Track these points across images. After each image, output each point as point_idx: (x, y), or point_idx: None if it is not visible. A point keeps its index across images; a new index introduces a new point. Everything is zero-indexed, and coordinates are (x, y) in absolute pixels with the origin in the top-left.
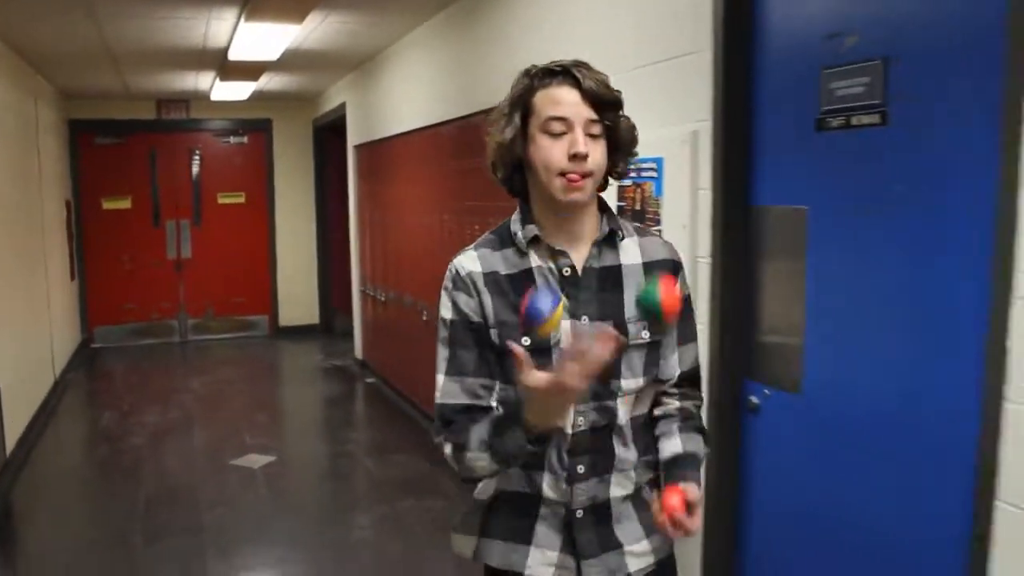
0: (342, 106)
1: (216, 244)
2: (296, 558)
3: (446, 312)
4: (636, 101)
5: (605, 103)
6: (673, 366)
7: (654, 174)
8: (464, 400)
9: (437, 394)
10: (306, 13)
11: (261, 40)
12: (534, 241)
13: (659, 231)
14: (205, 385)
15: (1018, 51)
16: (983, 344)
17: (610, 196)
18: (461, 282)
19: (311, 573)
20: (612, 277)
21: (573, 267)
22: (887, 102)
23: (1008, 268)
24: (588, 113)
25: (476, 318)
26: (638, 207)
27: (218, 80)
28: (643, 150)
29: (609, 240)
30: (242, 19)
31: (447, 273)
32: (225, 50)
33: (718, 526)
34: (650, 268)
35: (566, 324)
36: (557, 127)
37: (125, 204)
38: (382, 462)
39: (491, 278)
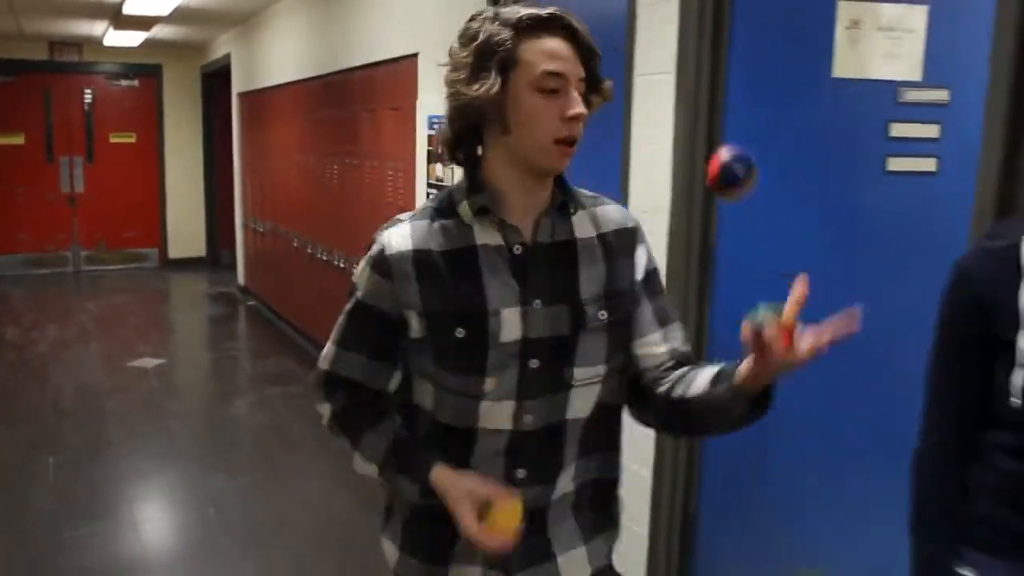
0: (227, 56)
1: (108, 181)
2: (182, 429)
3: (359, 285)
4: (438, 72)
5: (594, 59)
6: (656, 350)
7: None
8: (354, 375)
9: (324, 359)
10: None
11: None
12: (481, 213)
13: (452, 167)
14: (100, 307)
15: (630, 47)
16: None
17: (423, 142)
18: (384, 263)
19: (195, 438)
20: (566, 254)
21: (524, 244)
22: None
23: (626, 185)
24: (581, 71)
25: (385, 307)
26: (440, 150)
27: (111, 28)
28: (443, 109)
29: (561, 211)
30: None
31: (374, 243)
32: (120, 4)
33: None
34: (605, 239)
35: (513, 314)
36: (553, 83)
37: (18, 140)
38: (256, 363)
39: (422, 258)
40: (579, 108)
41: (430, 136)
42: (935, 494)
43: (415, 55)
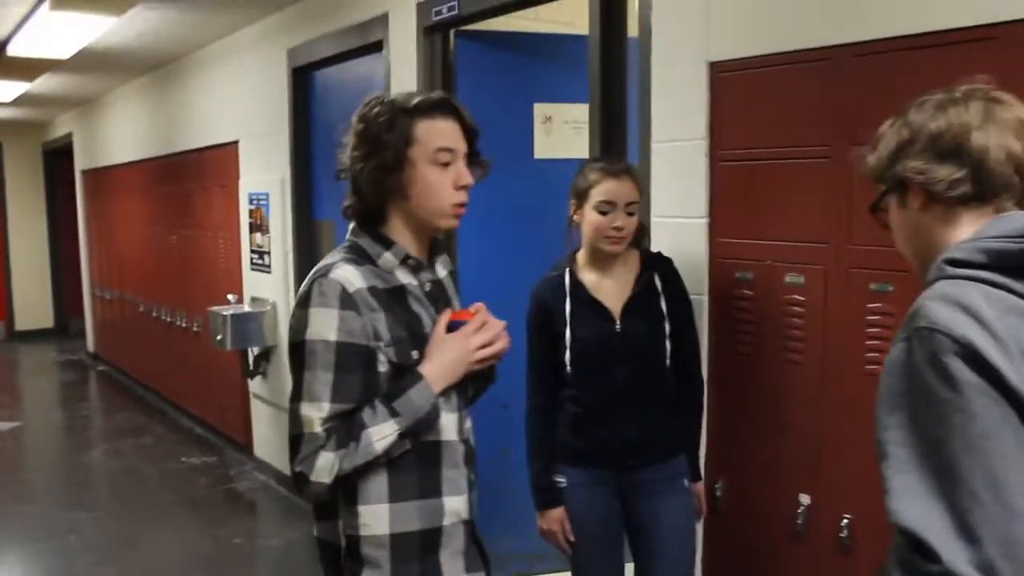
0: (69, 135)
1: None
2: (40, 477)
3: (328, 332)
4: (256, 156)
5: (475, 137)
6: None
7: (266, 201)
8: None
9: (312, 421)
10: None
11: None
12: (403, 260)
13: (269, 236)
14: None
15: None
16: None
17: (245, 215)
18: (350, 300)
19: (53, 483)
20: (443, 289)
21: (433, 280)
22: None
23: None
24: (465, 146)
25: (365, 341)
26: (258, 222)
27: None
28: (261, 186)
29: (431, 257)
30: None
31: (325, 289)
32: None
33: None
34: (451, 276)
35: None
36: (445, 157)
37: None
38: (108, 419)
39: (375, 293)
40: (468, 179)
41: (251, 210)
42: (538, 431)
43: (236, 142)
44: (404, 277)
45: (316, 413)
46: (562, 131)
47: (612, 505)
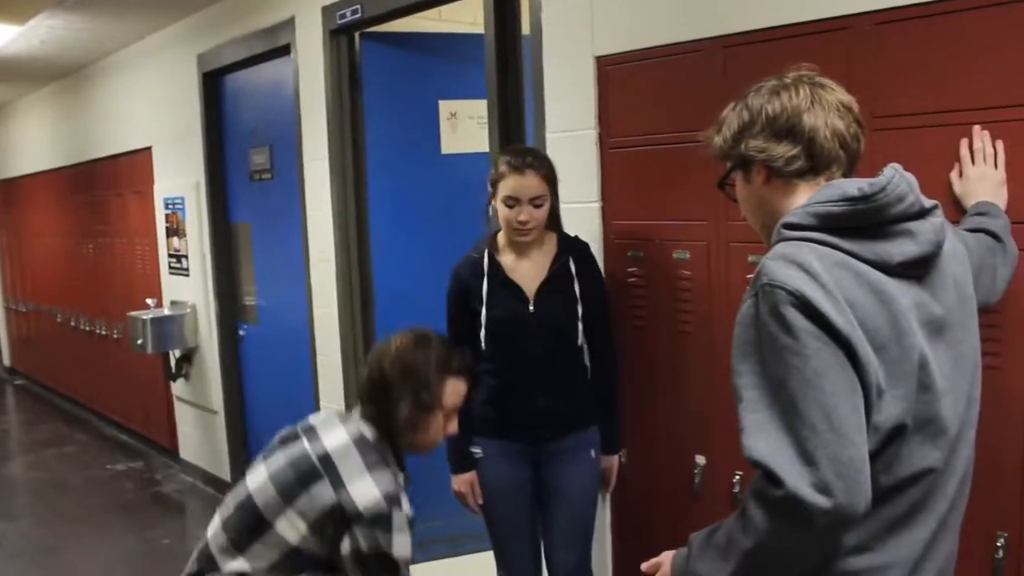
0: None
1: None
2: None
3: (407, 553)
4: (170, 161)
5: None
6: None
7: (182, 205)
8: None
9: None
10: None
11: None
12: None
13: (186, 239)
14: None
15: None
16: (304, 284)
17: (161, 219)
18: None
19: None
20: None
21: None
22: (273, 166)
23: (307, 245)
24: None
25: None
26: (175, 226)
27: None
28: (176, 190)
29: None
30: None
31: (402, 520)
32: None
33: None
34: None
35: None
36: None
37: None
38: (29, 431)
39: None
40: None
41: (167, 215)
42: None
43: (149, 148)
44: None
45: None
46: (467, 126)
47: (524, 473)
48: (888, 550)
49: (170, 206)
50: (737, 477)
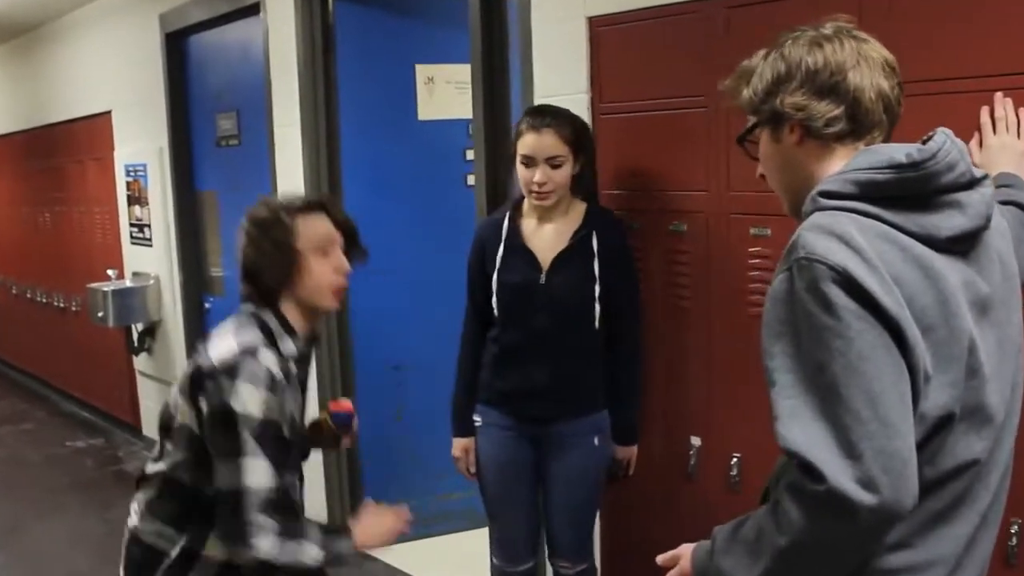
0: None
1: None
2: None
3: (255, 410)
4: (131, 125)
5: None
6: None
7: (144, 172)
8: (282, 494)
9: (255, 489)
10: None
11: None
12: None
13: (149, 208)
14: None
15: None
16: None
17: (122, 187)
18: (275, 385)
19: None
20: (305, 368)
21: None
22: (240, 132)
23: None
24: (340, 238)
25: (282, 422)
26: (137, 194)
27: None
28: (138, 157)
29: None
30: None
31: (256, 368)
32: None
33: None
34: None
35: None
36: (332, 251)
37: None
38: None
39: (286, 373)
40: (347, 265)
41: (128, 182)
42: (463, 360)
43: (109, 112)
44: (291, 347)
45: (264, 481)
46: (445, 92)
47: (523, 451)
48: (928, 546)
49: (131, 173)
50: (734, 459)
